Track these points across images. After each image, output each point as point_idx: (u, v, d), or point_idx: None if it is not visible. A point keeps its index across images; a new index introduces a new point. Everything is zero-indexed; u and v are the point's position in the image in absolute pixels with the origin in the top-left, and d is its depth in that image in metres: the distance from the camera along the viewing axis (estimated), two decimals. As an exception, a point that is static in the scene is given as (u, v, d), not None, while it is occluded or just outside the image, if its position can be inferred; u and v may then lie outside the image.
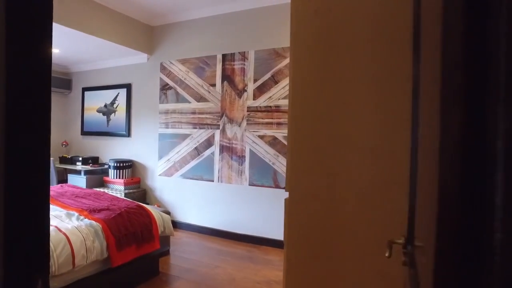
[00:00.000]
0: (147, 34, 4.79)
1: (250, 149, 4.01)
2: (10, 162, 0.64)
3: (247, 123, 4.03)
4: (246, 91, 4.05)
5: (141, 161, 4.98)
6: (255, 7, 3.98)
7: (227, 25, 4.20)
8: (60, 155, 5.80)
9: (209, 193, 4.33)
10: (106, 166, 5.13)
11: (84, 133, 5.71)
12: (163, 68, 4.72)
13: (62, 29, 3.79)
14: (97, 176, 5.01)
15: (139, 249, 2.72)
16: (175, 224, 4.55)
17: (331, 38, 1.41)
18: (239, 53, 4.11)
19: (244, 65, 4.07)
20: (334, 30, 1.40)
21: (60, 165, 5.27)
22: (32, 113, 0.69)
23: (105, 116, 5.40)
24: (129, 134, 5.11)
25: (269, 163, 3.89)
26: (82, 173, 4.91)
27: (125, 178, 4.80)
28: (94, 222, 2.56)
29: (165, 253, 3.07)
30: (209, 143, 4.31)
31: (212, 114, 4.29)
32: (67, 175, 5.15)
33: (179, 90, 4.56)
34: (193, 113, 4.43)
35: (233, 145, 4.13)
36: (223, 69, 4.22)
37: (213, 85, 4.28)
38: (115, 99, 5.26)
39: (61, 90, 5.82)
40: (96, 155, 5.53)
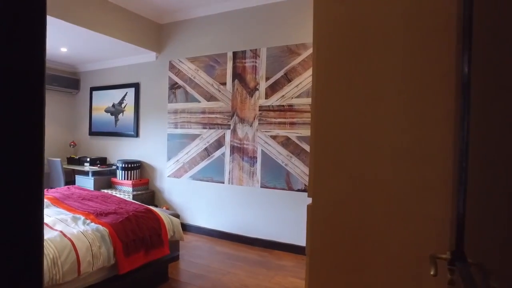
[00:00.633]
0: (155, 32, 4.68)
1: (262, 150, 3.87)
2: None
3: (259, 123, 3.89)
4: (257, 89, 3.91)
5: (149, 162, 4.86)
6: (266, 3, 3.84)
7: (238, 21, 4.07)
8: (68, 155, 5.72)
9: (219, 195, 4.19)
10: (114, 167, 5.03)
11: (92, 133, 5.62)
12: (172, 67, 4.60)
13: (69, 26, 3.69)
14: (105, 177, 4.91)
15: (148, 255, 2.59)
16: (184, 227, 4.43)
17: (358, 28, 1.27)
18: (250, 50, 3.97)
19: (256, 63, 3.93)
20: (362, 18, 1.25)
21: (68, 166, 5.19)
22: (21, 113, 0.55)
23: (113, 116, 5.30)
24: (137, 135, 5.00)
25: (282, 164, 3.74)
26: (90, 174, 4.82)
27: (133, 179, 4.69)
28: (100, 227, 2.44)
29: (175, 258, 2.94)
30: (219, 143, 4.18)
31: (222, 114, 4.15)
32: (75, 176, 5.06)
33: (189, 89, 4.44)
34: (203, 112, 4.30)
35: (244, 146, 3.99)
36: (234, 67, 4.08)
37: (224, 83, 4.15)
38: (123, 98, 5.16)
39: (69, 90, 5.75)
40: (104, 155, 5.44)
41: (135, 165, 4.74)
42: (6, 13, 0.53)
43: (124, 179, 4.66)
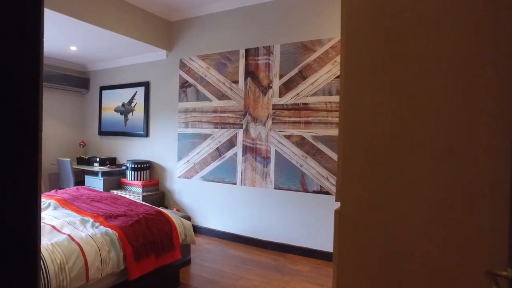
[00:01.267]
0: (166, 29, 4.58)
1: (275, 150, 3.74)
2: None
3: (272, 122, 3.76)
4: (271, 87, 3.78)
5: (159, 162, 4.77)
6: (280, -2, 3.71)
7: (250, 18, 3.94)
8: (77, 155, 5.66)
9: (231, 196, 4.07)
10: (123, 167, 4.95)
11: (101, 133, 5.55)
12: (182, 65, 4.50)
13: (79, 24, 3.62)
14: (115, 177, 4.83)
15: (159, 260, 2.48)
16: (194, 229, 4.31)
17: (395, 13, 1.13)
18: (263, 47, 3.84)
19: (269, 60, 3.80)
20: (399, 0, 1.12)
21: (78, 166, 5.12)
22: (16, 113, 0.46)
23: (123, 116, 5.22)
24: (147, 134, 4.91)
25: (297, 165, 3.61)
26: (99, 174, 4.74)
27: (143, 180, 4.60)
28: (110, 230, 2.33)
29: (186, 263, 2.83)
30: (231, 143, 4.05)
31: (234, 113, 4.03)
32: (84, 176, 4.99)
33: (200, 87, 4.32)
34: (214, 111, 4.19)
35: (257, 146, 3.86)
36: (246, 65, 3.96)
37: (236, 82, 4.03)
38: (133, 97, 5.08)
39: (79, 89, 5.69)
40: (114, 155, 5.36)
41: (145, 165, 4.65)
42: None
43: (134, 179, 4.57)
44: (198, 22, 4.37)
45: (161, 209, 2.89)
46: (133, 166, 4.57)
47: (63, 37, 4.15)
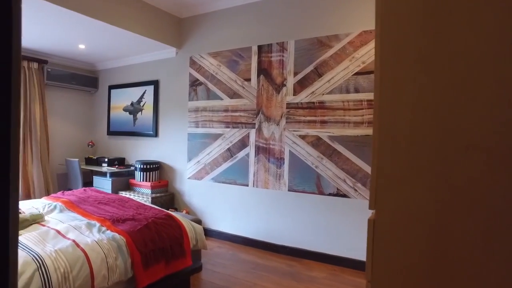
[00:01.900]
0: (175, 26, 4.45)
1: (289, 151, 3.58)
2: None
3: (286, 122, 3.60)
4: (285, 85, 3.62)
5: (169, 163, 4.64)
6: (295, -8, 3.55)
7: (263, 13, 3.79)
8: (86, 155, 5.57)
9: (243, 198, 3.92)
10: (132, 168, 4.84)
11: (110, 133, 5.45)
12: (192, 63, 4.36)
13: (88, 21, 3.50)
14: (123, 178, 4.72)
15: (168, 267, 2.34)
16: (205, 232, 4.18)
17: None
18: (277, 43, 3.69)
19: (283, 56, 3.64)
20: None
21: (86, 167, 5.02)
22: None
23: (132, 115, 5.11)
24: (156, 134, 4.79)
25: (312, 166, 3.44)
26: (108, 175, 4.63)
27: (152, 181, 4.47)
28: (117, 235, 2.20)
29: (197, 269, 2.68)
30: (243, 143, 3.91)
31: (246, 112, 3.88)
32: (93, 177, 4.89)
33: (210, 86, 4.19)
34: (226, 110, 4.04)
35: (271, 146, 3.70)
36: (259, 62, 3.81)
37: (248, 79, 3.88)
38: (142, 96, 4.96)
39: (87, 88, 5.60)
40: (122, 156, 5.26)
41: (154, 166, 4.53)
42: None
43: (143, 180, 4.45)
44: (209, 18, 4.23)
45: (170, 212, 2.75)
46: (142, 166, 4.45)
47: (71, 35, 4.05)
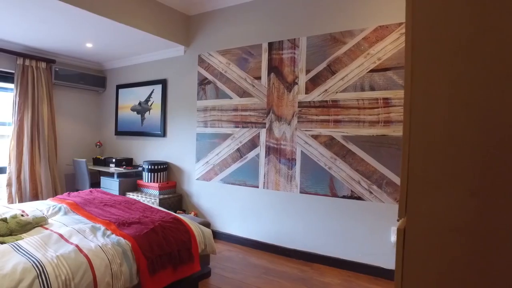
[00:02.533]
0: (184, 24, 4.36)
1: (301, 151, 3.45)
2: None
3: (298, 121, 3.47)
4: (296, 83, 3.49)
5: (177, 163, 4.55)
6: (307, -14, 3.42)
7: (274, 9, 3.67)
8: (94, 156, 5.51)
9: (253, 200, 3.81)
10: (140, 169, 4.75)
11: (118, 133, 5.38)
12: (201, 61, 4.26)
13: (95, 18, 3.42)
14: (131, 179, 4.63)
15: (176, 273, 2.23)
16: (214, 235, 4.07)
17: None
18: (288, 40, 3.56)
19: (295, 54, 3.51)
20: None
21: (94, 167, 4.96)
22: None
23: (139, 115, 5.03)
24: (164, 134, 4.70)
25: (325, 167, 3.31)
26: (115, 176, 4.55)
27: (160, 182, 4.38)
28: (122, 240, 2.10)
29: (206, 275, 2.57)
30: (253, 144, 3.79)
31: (257, 111, 3.76)
32: (100, 177, 4.82)
33: (219, 84, 4.08)
34: (235, 110, 3.93)
35: (282, 147, 3.58)
36: (270, 60, 3.68)
37: (258, 78, 3.76)
38: (149, 96, 4.88)
39: (95, 88, 5.54)
40: (130, 156, 5.18)
41: (162, 166, 4.43)
42: None
43: (150, 181, 4.36)
44: (218, 15, 4.12)
45: (178, 215, 2.65)
46: (149, 167, 4.36)
47: (78, 33, 3.97)
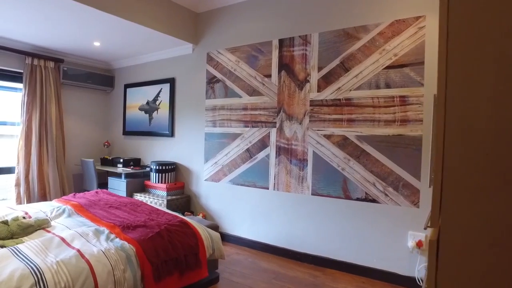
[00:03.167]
0: (192, 21, 4.26)
1: (313, 152, 3.32)
2: None
3: (309, 120, 3.35)
4: (308, 81, 3.37)
5: (185, 164, 4.46)
6: (319, -20, 3.29)
7: (284, 5, 3.55)
8: (102, 156, 5.46)
9: (263, 202, 3.69)
10: (147, 169, 4.68)
11: (126, 132, 5.32)
12: (210, 59, 4.16)
13: (102, 16, 3.35)
14: (138, 179, 4.56)
15: (182, 279, 2.13)
16: (222, 237, 3.97)
17: None
18: (299, 37, 3.44)
19: (306, 50, 3.39)
20: None
21: (101, 167, 4.90)
22: None
23: (147, 115, 4.96)
24: (172, 134, 4.61)
25: (338, 168, 3.18)
26: (123, 176, 4.48)
27: (167, 182, 4.30)
28: (126, 244, 2.00)
29: (214, 280, 2.47)
30: (263, 144, 3.67)
31: (267, 110, 3.65)
32: (108, 178, 4.76)
33: (228, 83, 3.97)
34: (245, 109, 3.82)
35: (293, 147, 3.46)
36: (280, 57, 3.57)
37: (268, 76, 3.65)
38: (157, 95, 4.80)
39: (103, 87, 5.49)
40: (138, 156, 5.11)
41: (169, 167, 4.35)
42: None
43: (158, 182, 4.28)
44: (227, 12, 4.02)
45: (185, 218, 2.55)
46: (157, 167, 4.28)
47: (86, 31, 3.91)
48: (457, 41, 0.81)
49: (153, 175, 4.33)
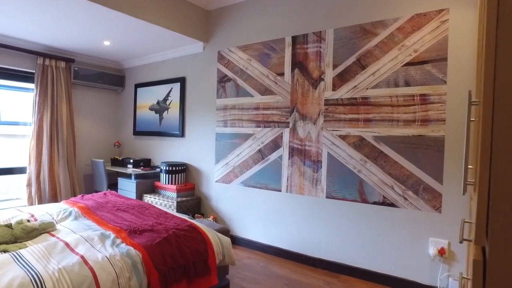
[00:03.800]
0: (202, 19, 4.17)
1: (328, 153, 3.19)
2: None
3: (324, 120, 3.21)
4: (323, 80, 3.23)
5: (195, 164, 4.37)
6: (335, -26, 3.16)
7: (298, 0, 3.42)
8: (112, 156, 5.42)
9: (275, 205, 3.57)
10: (157, 170, 4.60)
11: (136, 133, 5.26)
12: (221, 58, 4.06)
13: (111, 14, 3.28)
14: (148, 180, 4.49)
15: (191, 287, 2.02)
16: (233, 240, 3.86)
17: None
18: (313, 33, 3.31)
19: (320, 47, 3.26)
20: None
21: (111, 168, 4.85)
22: None
23: (158, 114, 4.89)
24: (182, 134, 4.53)
25: (354, 170, 3.04)
26: (132, 177, 4.42)
27: (177, 183, 4.21)
28: (132, 250, 1.91)
29: (224, 287, 2.36)
30: (276, 144, 3.55)
31: (279, 110, 3.53)
32: (118, 178, 4.70)
33: (240, 82, 3.86)
34: (257, 108, 3.70)
35: (306, 148, 3.33)
36: (293, 55, 3.44)
37: (281, 74, 3.52)
38: (168, 95, 4.72)
39: (114, 87, 5.45)
40: (148, 157, 5.05)
41: (180, 168, 4.26)
42: None
43: (168, 183, 4.20)
44: (238, 9, 3.91)
45: (195, 222, 2.45)
46: (167, 168, 4.20)
47: (96, 30, 3.85)
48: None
49: (163, 176, 4.25)
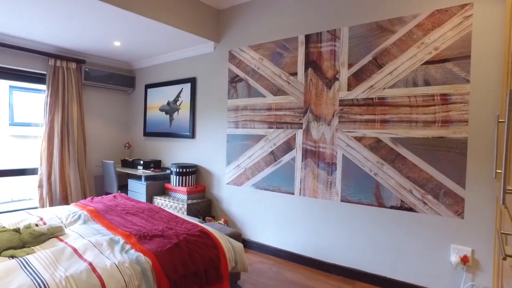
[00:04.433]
0: (213, 18, 4.10)
1: (343, 155, 3.08)
2: None
3: (339, 121, 3.11)
4: (337, 79, 3.13)
5: (206, 166, 4.30)
6: (350, -30, 3.05)
7: (312, -2, 3.33)
8: (122, 157, 5.39)
9: (288, 208, 3.48)
10: (168, 171, 4.55)
11: (146, 134, 5.22)
12: (232, 57, 3.99)
13: (121, 14, 3.23)
14: (158, 182, 4.43)
15: (203, 295, 1.95)
16: (244, 243, 3.78)
17: None
18: (327, 31, 3.21)
19: (335, 46, 3.16)
20: None
21: (122, 169, 4.81)
22: None
23: (168, 115, 4.84)
24: (193, 135, 4.46)
25: (370, 173, 2.93)
26: (143, 179, 4.37)
27: (188, 185, 4.15)
28: (142, 256, 1.84)
29: (237, 295, 2.28)
30: (288, 146, 3.46)
31: (292, 110, 3.43)
32: (128, 180, 4.66)
33: (251, 82, 3.78)
34: (269, 109, 3.62)
35: (320, 149, 3.23)
36: (307, 54, 3.34)
37: (294, 74, 3.43)
38: (178, 95, 4.67)
39: (124, 88, 5.41)
40: (159, 158, 5.00)
41: (190, 169, 4.20)
42: None
43: (178, 185, 4.14)
44: (249, 7, 3.83)
45: (206, 227, 2.37)
46: (178, 170, 4.14)
47: (106, 31, 3.81)
48: None
49: (173, 177, 4.19)
